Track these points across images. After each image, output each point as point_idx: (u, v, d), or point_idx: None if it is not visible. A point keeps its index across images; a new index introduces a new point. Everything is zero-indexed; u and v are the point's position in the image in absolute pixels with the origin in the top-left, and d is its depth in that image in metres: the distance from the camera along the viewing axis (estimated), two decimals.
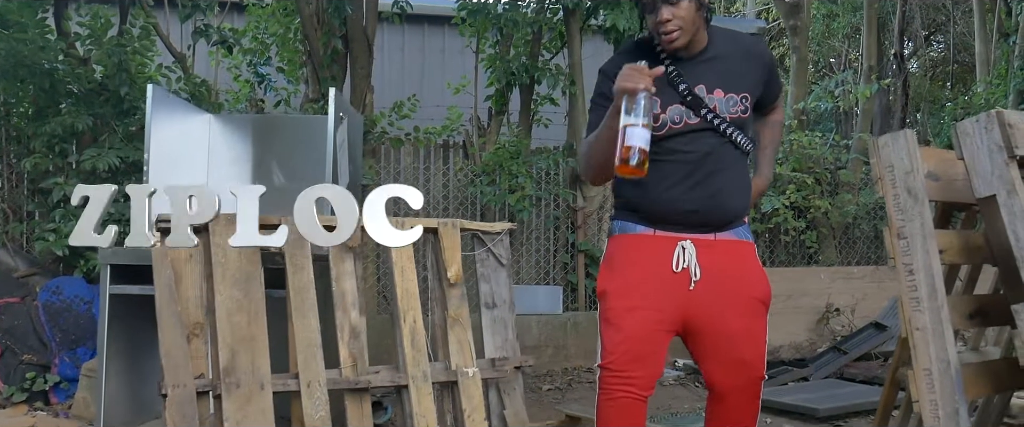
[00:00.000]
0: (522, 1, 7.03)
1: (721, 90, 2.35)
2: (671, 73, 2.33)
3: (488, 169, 6.92)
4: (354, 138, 4.23)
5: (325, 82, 6.56)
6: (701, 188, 2.33)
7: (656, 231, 2.37)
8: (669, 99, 2.32)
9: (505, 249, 3.55)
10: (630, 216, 2.42)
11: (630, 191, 2.39)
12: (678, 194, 2.33)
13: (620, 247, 2.42)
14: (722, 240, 2.37)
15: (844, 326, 6.50)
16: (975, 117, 2.16)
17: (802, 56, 7.81)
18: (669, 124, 2.32)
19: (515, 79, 6.95)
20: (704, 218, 2.35)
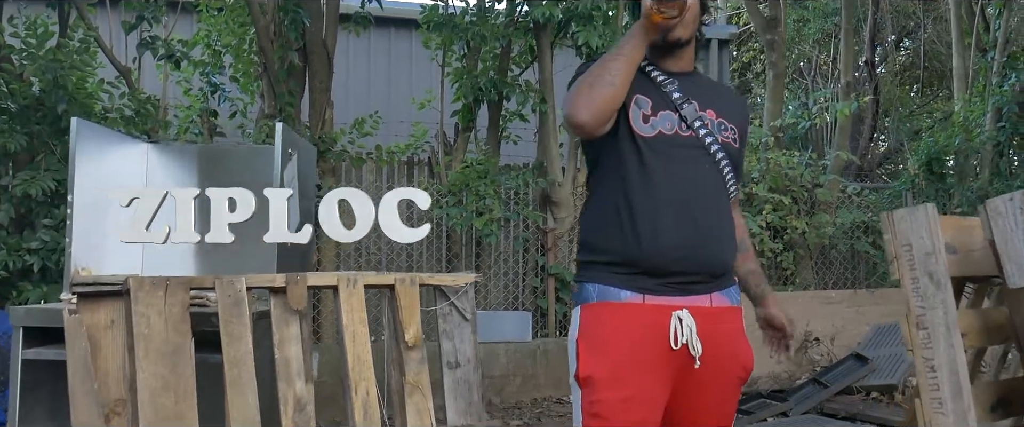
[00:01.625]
0: (490, 13, 6.71)
1: (714, 112, 2.09)
2: (663, 81, 2.07)
3: (454, 188, 6.60)
4: (306, 171, 3.88)
5: (281, 97, 6.20)
6: (693, 225, 1.97)
7: (645, 298, 1.96)
8: (660, 103, 2.04)
9: (470, 302, 3.23)
10: (609, 276, 1.99)
11: (607, 237, 2.01)
12: (670, 232, 1.95)
13: (602, 321, 1.99)
14: (719, 308, 2.02)
15: (823, 355, 6.28)
16: (1009, 195, 1.88)
17: (779, 71, 7.58)
18: (660, 129, 2.02)
19: (483, 94, 6.63)
20: (698, 265, 1.97)
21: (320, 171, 6.36)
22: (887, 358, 5.71)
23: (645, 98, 2.02)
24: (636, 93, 2.01)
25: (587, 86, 1.93)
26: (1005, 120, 8.03)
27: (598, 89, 1.92)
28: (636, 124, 2.00)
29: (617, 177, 2.01)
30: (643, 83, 2.04)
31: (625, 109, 1.99)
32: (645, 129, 2.00)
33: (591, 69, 1.97)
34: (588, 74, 1.96)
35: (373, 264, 6.70)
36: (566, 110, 1.96)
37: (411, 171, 6.83)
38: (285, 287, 2.75)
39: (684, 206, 1.96)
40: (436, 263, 6.76)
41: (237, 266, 3.95)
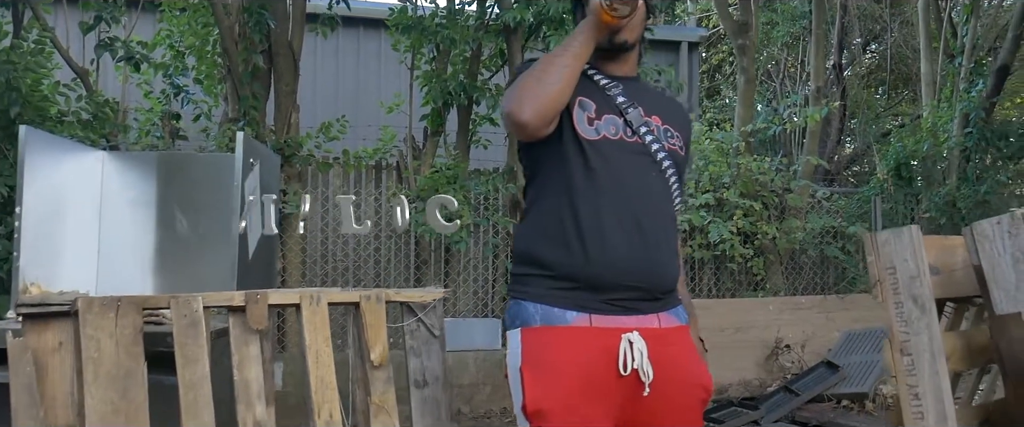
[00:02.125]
0: (460, 16, 6.61)
1: (659, 118, 1.97)
2: (607, 84, 1.94)
3: (423, 194, 6.48)
4: (268, 180, 3.75)
5: (245, 101, 6.04)
6: (642, 238, 1.83)
7: (593, 319, 1.81)
8: (604, 107, 1.91)
9: (438, 318, 3.13)
10: (551, 293, 1.83)
11: (550, 248, 1.85)
12: (618, 244, 1.81)
13: (548, 346, 1.81)
14: (668, 328, 1.89)
15: (794, 362, 6.25)
16: (996, 219, 1.81)
17: (750, 76, 7.56)
18: (604, 133, 1.88)
19: (452, 98, 6.53)
20: (646, 281, 1.84)
21: (285, 176, 6.22)
22: (858, 365, 5.69)
23: (589, 101, 1.89)
24: (579, 95, 1.88)
25: (533, 82, 1.78)
26: (972, 126, 8.09)
27: (544, 86, 1.77)
28: (581, 127, 1.86)
29: (560, 183, 1.86)
30: (586, 86, 1.91)
31: (569, 111, 1.86)
32: (590, 132, 1.86)
33: (535, 66, 1.83)
34: (532, 70, 1.81)
35: (340, 271, 6.57)
36: (508, 107, 1.79)
37: (379, 176, 6.71)
38: (244, 306, 2.63)
39: (632, 217, 1.83)
40: (404, 270, 6.65)
41: (197, 279, 3.83)
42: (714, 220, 6.87)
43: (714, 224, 6.80)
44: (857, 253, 7.76)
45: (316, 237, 6.52)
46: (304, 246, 6.39)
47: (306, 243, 6.42)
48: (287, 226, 6.26)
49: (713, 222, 6.83)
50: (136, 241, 3.86)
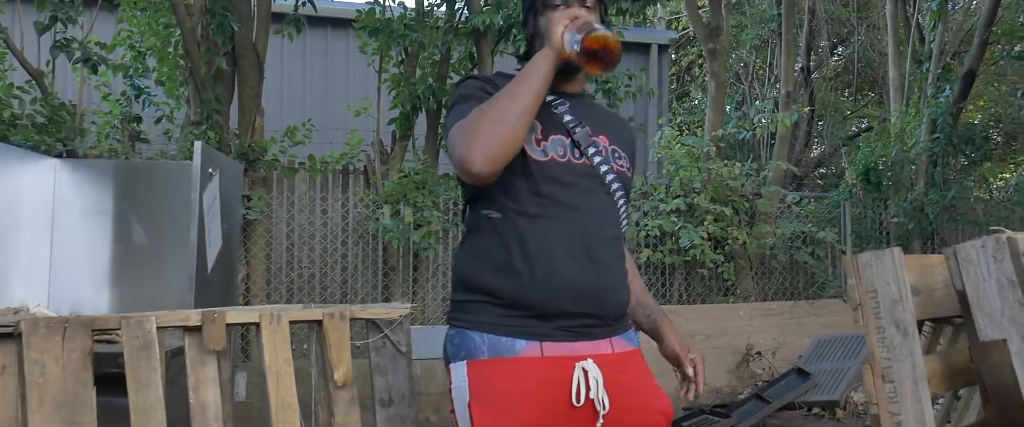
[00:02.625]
0: (429, 18, 6.50)
1: (606, 138, 1.88)
2: (553, 101, 1.84)
3: (391, 199, 6.38)
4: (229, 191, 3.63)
5: (207, 104, 5.89)
6: (592, 262, 1.74)
7: (544, 347, 1.71)
8: (551, 126, 1.80)
9: (405, 334, 3.03)
10: (498, 321, 1.73)
11: (495, 273, 1.73)
12: (568, 269, 1.71)
13: (497, 379, 1.70)
14: (621, 353, 1.81)
15: (765, 369, 6.23)
16: (981, 241, 1.76)
17: (720, 81, 7.53)
18: (552, 154, 1.77)
19: (421, 102, 6.42)
20: (597, 306, 1.75)
21: (249, 181, 6.08)
22: (828, 373, 5.68)
23: (535, 123, 1.77)
24: None
25: (489, 124, 1.63)
26: (939, 131, 8.14)
27: (500, 131, 1.63)
28: (529, 148, 1.74)
29: (505, 206, 1.75)
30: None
31: None
32: (537, 153, 1.75)
33: (491, 105, 1.67)
34: (488, 110, 1.66)
35: (306, 278, 6.44)
36: (460, 153, 1.64)
37: (346, 181, 6.59)
38: (201, 325, 2.52)
39: (582, 241, 1.74)
40: (371, 276, 6.53)
41: (155, 294, 3.70)
42: (685, 225, 6.83)
43: (685, 230, 6.77)
44: (826, 258, 7.78)
45: (281, 243, 6.38)
46: (269, 253, 6.25)
47: (271, 250, 6.28)
48: (251, 233, 6.12)
49: (684, 228, 6.79)
50: (91, 254, 3.71)
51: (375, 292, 6.51)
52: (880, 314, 1.87)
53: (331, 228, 6.49)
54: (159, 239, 3.71)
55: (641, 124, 7.48)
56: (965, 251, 1.78)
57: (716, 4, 7.55)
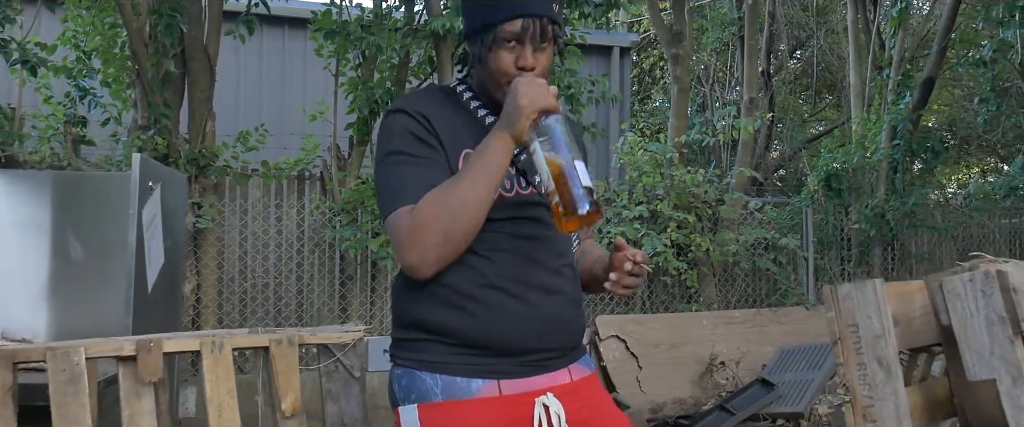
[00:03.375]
0: (387, 21, 6.33)
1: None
2: (492, 123, 1.67)
3: (348, 207, 6.20)
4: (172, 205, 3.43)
5: (155, 108, 5.66)
6: (546, 295, 1.65)
7: (502, 384, 1.60)
8: None
9: (358, 358, 2.88)
10: (451, 360, 1.60)
11: (444, 314, 1.60)
12: (521, 306, 1.61)
13: (454, 423, 1.59)
14: (579, 380, 1.73)
15: (728, 379, 6.17)
16: (969, 275, 1.66)
17: (683, 86, 7.46)
18: (499, 192, 1.61)
19: (379, 106, 6.24)
20: (555, 340, 1.67)
21: (200, 188, 5.87)
22: (793, 384, 5.62)
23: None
24: (465, 147, 1.62)
25: (443, 230, 1.50)
26: (900, 138, 8.16)
27: (455, 241, 1.52)
28: None
29: (456, 266, 1.61)
30: (471, 132, 1.64)
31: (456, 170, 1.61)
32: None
33: (443, 203, 1.51)
34: (440, 211, 1.50)
35: (260, 287, 6.23)
36: (409, 260, 1.53)
37: (301, 187, 6.39)
38: (136, 355, 2.34)
39: (536, 274, 1.64)
40: (328, 286, 6.34)
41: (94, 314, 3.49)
42: (648, 233, 6.75)
43: (648, 237, 6.68)
44: (788, 265, 7.76)
45: (234, 253, 6.16)
46: (221, 263, 6.03)
47: (223, 260, 6.06)
48: (202, 242, 5.90)
49: (647, 235, 6.71)
50: (25, 271, 3.49)
51: (331, 303, 6.32)
52: (861, 350, 1.76)
53: (286, 237, 6.29)
54: (99, 255, 3.50)
55: (603, 130, 7.37)
56: (952, 285, 1.67)
57: (679, 8, 7.48)
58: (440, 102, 1.68)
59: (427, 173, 1.58)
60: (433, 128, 1.61)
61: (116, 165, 5.87)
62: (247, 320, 6.15)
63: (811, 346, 6.07)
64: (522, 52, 1.60)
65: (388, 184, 1.59)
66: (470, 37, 1.67)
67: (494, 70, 1.61)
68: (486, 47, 1.61)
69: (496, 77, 1.62)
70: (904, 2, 8.28)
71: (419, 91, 1.75)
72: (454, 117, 1.66)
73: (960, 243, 8.78)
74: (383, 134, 1.66)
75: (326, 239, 6.22)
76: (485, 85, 1.67)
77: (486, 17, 1.60)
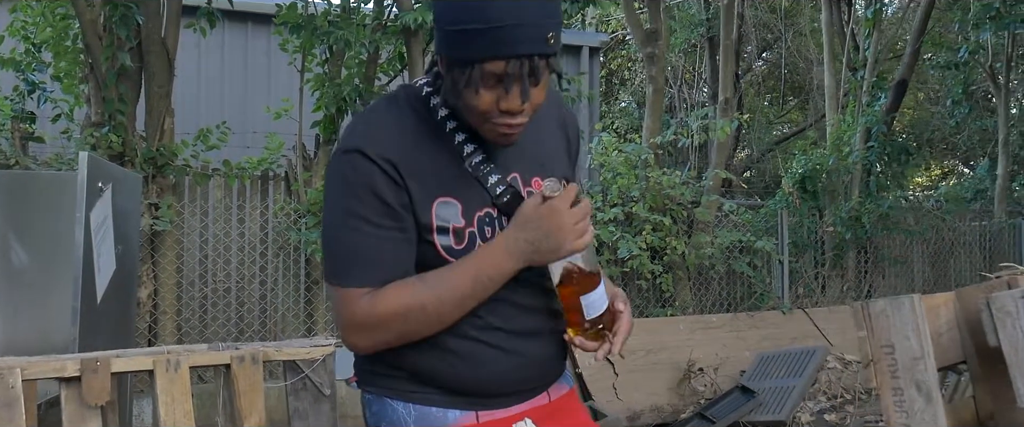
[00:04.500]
0: (355, 15, 6.10)
1: (540, 178, 1.51)
2: (475, 159, 1.44)
3: (314, 208, 5.95)
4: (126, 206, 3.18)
5: (110, 103, 5.38)
6: (529, 339, 1.50)
7: (479, 414, 1.50)
8: (474, 200, 1.44)
9: (328, 374, 2.66)
10: (426, 393, 1.48)
11: (421, 359, 1.46)
12: (503, 353, 1.47)
13: None
14: (558, 399, 1.61)
15: (707, 386, 6.02)
16: (1020, 291, 1.48)
17: (658, 86, 7.32)
18: (478, 243, 1.43)
19: (347, 104, 6.01)
20: (538, 379, 1.56)
21: (158, 188, 5.58)
22: (773, 391, 5.49)
23: (452, 201, 1.41)
24: (438, 195, 1.40)
25: (412, 326, 1.38)
26: (874, 140, 8.11)
27: (414, 335, 1.40)
28: (449, 255, 1.41)
29: None
30: (448, 167, 1.42)
31: (428, 230, 1.40)
32: (458, 252, 1.42)
33: (424, 300, 1.37)
34: (412, 305, 1.36)
35: (221, 293, 5.96)
36: (351, 335, 1.40)
37: (265, 188, 6.12)
38: (80, 376, 2.10)
39: (517, 320, 1.48)
40: (293, 291, 6.09)
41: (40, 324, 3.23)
42: (623, 235, 6.58)
43: (623, 240, 6.51)
44: (763, 267, 7.65)
45: (194, 256, 5.89)
46: (180, 266, 5.75)
47: (182, 263, 5.78)
48: (160, 245, 5.62)
49: (622, 238, 6.54)
50: None
51: (297, 308, 6.07)
52: (898, 373, 1.59)
53: (249, 239, 6.02)
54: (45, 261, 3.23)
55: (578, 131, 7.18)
56: (1000, 302, 1.51)
57: (654, 8, 7.33)
58: (408, 128, 1.41)
59: (393, 252, 1.38)
60: (402, 179, 1.37)
61: (68, 164, 5.57)
62: (207, 326, 5.88)
63: (791, 351, 5.95)
64: (505, 95, 1.33)
65: (343, 250, 1.39)
66: (442, 56, 1.37)
67: (471, 107, 1.35)
68: (462, 81, 1.33)
69: (473, 114, 1.36)
70: (878, 3, 8.23)
71: (382, 112, 1.45)
72: (427, 151, 1.40)
73: (932, 246, 8.76)
74: (337, 179, 1.39)
75: (291, 242, 5.97)
76: (457, 106, 1.41)
77: (464, 50, 1.31)
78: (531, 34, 1.28)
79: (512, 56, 1.29)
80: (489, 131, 1.38)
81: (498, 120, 1.35)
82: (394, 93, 1.49)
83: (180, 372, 2.21)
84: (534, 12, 1.28)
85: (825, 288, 8.02)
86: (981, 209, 9.47)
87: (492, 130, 1.38)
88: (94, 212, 2.70)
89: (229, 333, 5.90)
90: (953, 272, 8.86)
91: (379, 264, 1.37)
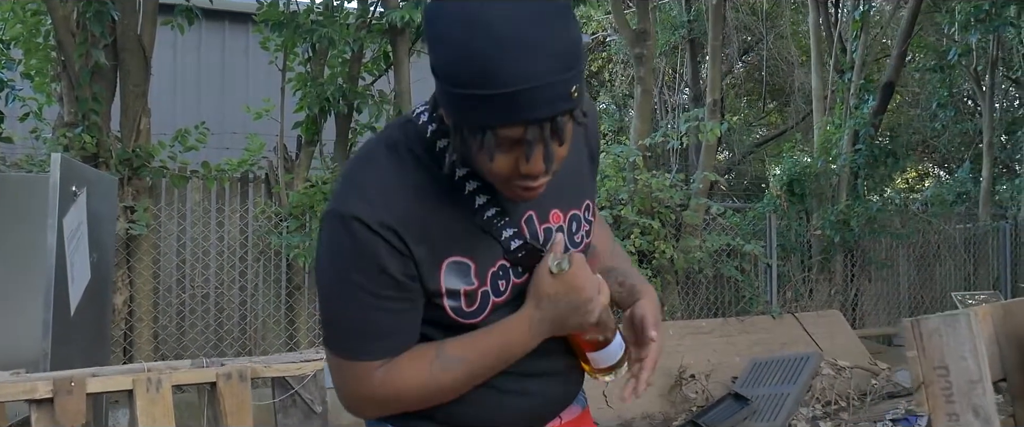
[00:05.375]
0: (339, 13, 5.93)
1: (559, 211, 1.36)
2: (488, 212, 1.28)
3: (296, 212, 5.78)
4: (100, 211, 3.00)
5: (83, 103, 5.18)
6: (543, 378, 1.38)
7: None
8: (487, 256, 1.29)
9: (319, 390, 2.51)
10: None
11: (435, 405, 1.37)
12: (518, 394, 1.37)
13: None
14: (569, 422, 1.49)
15: (699, 393, 5.90)
16: None
17: (647, 87, 7.22)
18: (492, 302, 1.29)
19: (330, 105, 5.85)
20: (553, 413, 1.45)
21: (134, 191, 5.39)
22: (767, 398, 5.39)
23: (463, 262, 1.27)
24: (447, 256, 1.26)
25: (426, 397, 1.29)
26: (862, 143, 8.05)
27: (426, 404, 1.30)
28: (459, 316, 1.28)
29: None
30: (454, 223, 1.26)
31: (437, 295, 1.26)
32: (472, 316, 1.29)
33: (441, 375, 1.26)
34: (429, 382, 1.27)
35: (199, 299, 5.78)
36: (358, 406, 1.30)
37: (245, 190, 5.94)
38: (52, 397, 1.93)
39: (531, 364, 1.34)
40: (274, 297, 5.91)
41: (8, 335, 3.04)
42: None
43: None
44: (752, 271, 7.57)
45: (171, 261, 5.69)
46: (157, 272, 5.56)
47: (159, 269, 5.58)
48: (136, 249, 5.42)
49: None
50: None
51: (278, 315, 5.89)
52: (953, 397, 1.45)
53: (228, 243, 5.84)
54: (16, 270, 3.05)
55: None
56: None
57: (643, 7, 7.23)
58: (411, 184, 1.24)
59: (406, 324, 1.26)
60: (407, 247, 1.21)
61: (39, 165, 5.36)
62: (185, 334, 5.69)
63: (784, 357, 5.85)
64: (523, 157, 1.14)
65: (352, 324, 1.25)
66: (449, 113, 1.16)
67: (485, 171, 1.18)
68: (474, 146, 1.14)
69: (491, 176, 1.19)
70: (866, 5, 8.17)
71: (381, 167, 1.26)
72: (433, 208, 1.24)
73: (918, 249, 8.72)
74: (336, 246, 1.23)
75: (272, 247, 5.79)
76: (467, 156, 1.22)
77: (472, 117, 1.11)
78: (551, 94, 1.08)
79: (531, 121, 1.10)
80: (507, 192, 1.21)
81: (518, 183, 1.18)
82: (393, 138, 1.28)
83: (162, 392, 2.05)
84: (553, 67, 1.07)
85: (813, 292, 7.95)
86: (965, 212, 9.45)
87: (511, 191, 1.21)
88: (67, 218, 2.52)
89: (208, 341, 5.72)
90: (939, 276, 8.83)
91: (392, 337, 1.26)
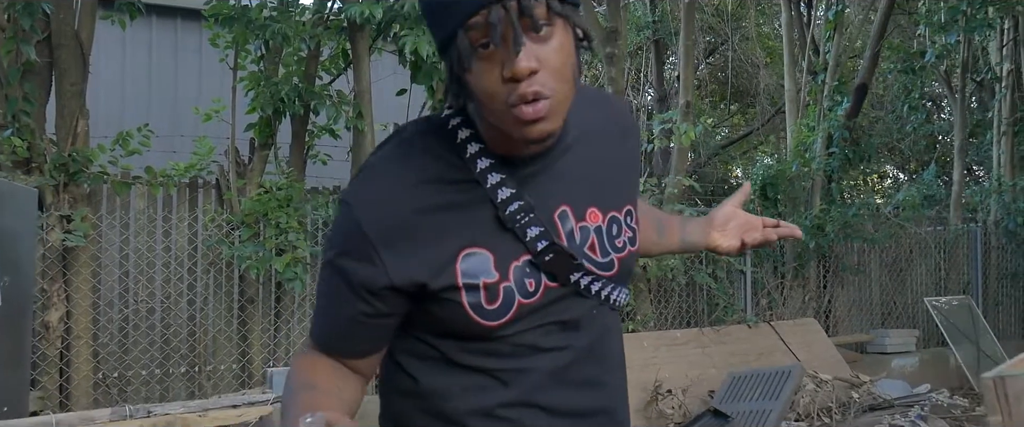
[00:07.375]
0: (294, 8, 5.58)
1: (597, 209, 1.20)
2: (512, 206, 1.12)
3: (249, 220, 5.41)
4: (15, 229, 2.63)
5: (12, 103, 4.78)
6: (576, 417, 1.21)
7: None
8: (508, 249, 1.13)
9: None
10: None
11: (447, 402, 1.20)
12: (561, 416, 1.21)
13: None
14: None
15: (675, 409, 5.65)
16: None
17: (619, 88, 6.95)
18: (517, 301, 1.13)
19: (285, 105, 5.49)
20: None
21: (71, 198, 4.99)
22: (749, 415, 5.15)
23: (481, 253, 1.12)
24: (465, 246, 1.11)
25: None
26: (836, 146, 7.88)
27: None
28: (479, 315, 1.13)
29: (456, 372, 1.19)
30: (474, 214, 1.12)
31: (453, 290, 1.11)
32: (493, 317, 1.13)
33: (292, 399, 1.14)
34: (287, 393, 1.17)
35: (144, 315, 5.39)
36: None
37: (194, 197, 5.56)
38: None
39: (561, 397, 1.20)
40: (225, 311, 5.53)
41: None
42: None
43: None
44: (726, 278, 7.34)
45: (112, 274, 5.29)
46: (96, 286, 5.15)
47: (99, 282, 5.18)
48: (73, 262, 5.02)
49: None
50: None
51: (229, 330, 5.51)
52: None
53: (175, 254, 5.45)
54: None
55: None
56: None
57: (614, 6, 6.97)
58: (424, 179, 1.12)
59: (363, 337, 1.18)
60: (381, 260, 1.09)
61: None
62: (128, 352, 5.29)
63: (764, 372, 5.62)
64: (506, 55, 1.02)
65: (325, 317, 1.20)
66: (443, 57, 1.10)
67: (479, 94, 1.06)
68: (457, 65, 1.05)
69: (487, 104, 1.06)
70: (839, 5, 8.01)
71: (385, 160, 1.15)
72: (451, 199, 1.11)
73: (891, 254, 8.58)
74: (337, 228, 1.15)
75: (223, 257, 5.41)
76: (484, 116, 1.11)
77: (442, 22, 1.05)
78: None
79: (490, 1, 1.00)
80: (514, 126, 1.05)
81: (513, 101, 1.02)
82: (409, 137, 1.17)
83: None
84: None
85: (787, 300, 7.75)
86: (935, 215, 9.34)
87: (516, 125, 1.04)
88: None
89: (153, 359, 5.33)
90: (911, 281, 8.70)
91: (344, 339, 1.19)
